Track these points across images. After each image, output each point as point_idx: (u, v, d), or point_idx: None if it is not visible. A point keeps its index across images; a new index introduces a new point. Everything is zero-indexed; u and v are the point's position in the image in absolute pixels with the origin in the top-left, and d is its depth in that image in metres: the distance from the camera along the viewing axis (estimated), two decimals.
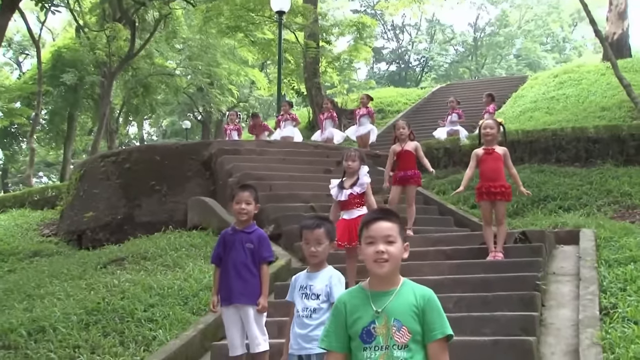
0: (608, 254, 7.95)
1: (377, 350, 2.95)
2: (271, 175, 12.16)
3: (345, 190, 7.59)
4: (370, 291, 3.06)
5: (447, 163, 14.27)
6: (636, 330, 5.75)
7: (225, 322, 5.96)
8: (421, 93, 28.76)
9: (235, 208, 5.99)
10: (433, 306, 3.00)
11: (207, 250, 10.02)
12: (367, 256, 3.04)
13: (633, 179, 12.21)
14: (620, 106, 18.61)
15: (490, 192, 8.30)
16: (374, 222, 3.09)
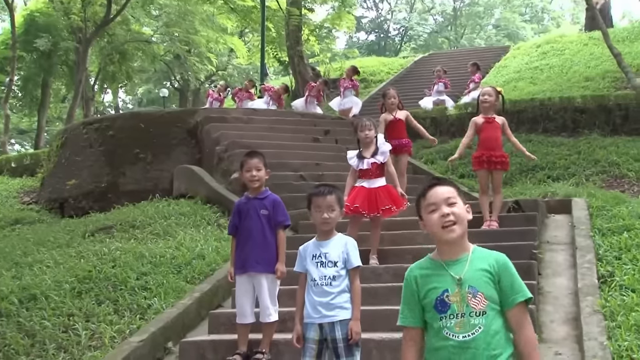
0: (601, 223, 8.01)
1: (452, 318, 2.88)
2: (259, 143, 12.03)
3: (367, 159, 7.55)
4: (442, 260, 2.98)
5: (434, 133, 14.10)
6: (635, 298, 5.81)
7: (237, 289, 5.90)
8: (403, 62, 28.65)
9: (245, 176, 5.91)
10: (509, 271, 2.94)
11: (197, 219, 9.98)
12: (433, 224, 2.95)
13: (620, 149, 12.32)
14: (604, 76, 18.69)
15: (490, 161, 8.30)
16: (430, 189, 3.01)
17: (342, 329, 4.53)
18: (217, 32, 37.12)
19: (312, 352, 4.59)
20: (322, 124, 14.06)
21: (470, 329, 2.85)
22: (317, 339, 4.59)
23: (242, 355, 5.70)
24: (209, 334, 6.44)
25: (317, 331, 4.59)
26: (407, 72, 26.26)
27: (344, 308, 4.59)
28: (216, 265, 7.86)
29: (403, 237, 8.08)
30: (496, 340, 2.86)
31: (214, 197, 10.78)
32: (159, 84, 53.56)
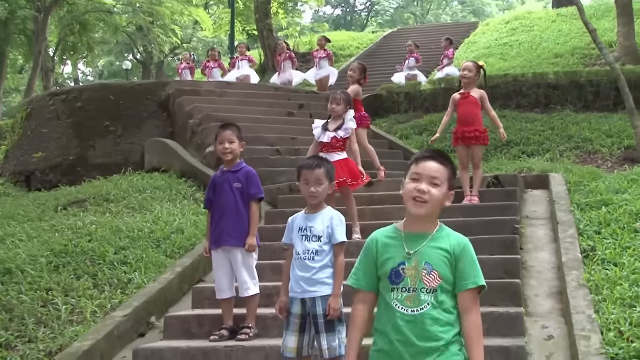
0: (579, 198, 8.10)
1: (404, 291, 2.91)
2: (233, 117, 11.85)
3: (329, 132, 7.49)
4: (404, 232, 2.99)
5: (407, 108, 14.30)
6: (618, 272, 5.89)
7: (213, 265, 5.87)
8: (373, 37, 28.58)
9: (218, 148, 5.85)
10: (468, 255, 2.95)
11: (172, 193, 9.88)
12: (407, 192, 2.95)
13: (592, 125, 12.47)
14: (573, 53, 18.90)
15: (465, 136, 8.34)
16: (425, 160, 2.99)
17: (322, 305, 4.51)
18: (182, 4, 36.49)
19: (295, 326, 4.58)
20: (296, 97, 13.96)
21: (419, 304, 2.89)
22: (300, 314, 4.58)
23: (228, 329, 5.68)
24: (192, 308, 6.39)
25: (300, 306, 4.58)
26: (377, 47, 26.20)
27: (325, 284, 4.56)
28: (196, 239, 7.78)
29: (384, 212, 8.09)
30: (443, 318, 2.89)
31: (189, 170, 10.66)
32: (120, 56, 52.67)
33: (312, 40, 25.92)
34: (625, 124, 12.29)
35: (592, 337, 4.89)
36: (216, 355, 5.31)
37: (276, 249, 7.13)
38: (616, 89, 13.28)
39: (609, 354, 4.63)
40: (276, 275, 6.61)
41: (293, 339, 4.55)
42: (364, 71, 9.52)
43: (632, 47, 17.77)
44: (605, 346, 4.74)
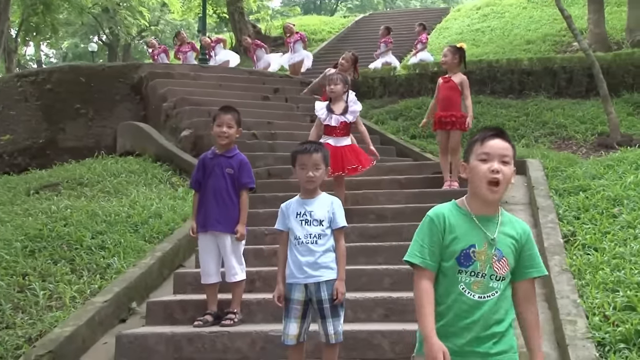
0: (557, 184, 8.17)
1: (472, 275, 2.82)
2: (209, 100, 11.84)
3: (336, 115, 7.43)
4: (474, 214, 2.87)
5: (382, 93, 14.28)
6: (599, 257, 5.94)
7: (200, 249, 5.79)
8: (345, 22, 28.50)
9: (215, 131, 5.76)
10: (532, 243, 2.91)
11: (148, 177, 9.77)
12: (480, 175, 2.82)
13: (566, 111, 12.58)
14: (544, 40, 19.06)
15: (441, 121, 8.34)
16: (492, 138, 2.86)
17: (327, 290, 4.45)
18: None
19: (297, 312, 4.49)
20: (271, 82, 13.89)
21: (487, 291, 2.83)
22: (303, 300, 4.48)
23: (213, 315, 5.62)
24: (174, 294, 6.32)
25: (302, 292, 4.48)
26: (349, 32, 26.14)
27: (330, 268, 4.51)
28: (175, 224, 7.70)
29: (365, 197, 8.08)
30: (505, 306, 2.86)
31: (164, 154, 10.54)
32: (85, 38, 51.86)
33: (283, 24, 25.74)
34: (598, 111, 12.43)
35: (579, 321, 4.92)
36: (201, 341, 5.26)
37: (257, 234, 7.09)
38: (589, 76, 13.45)
39: (596, 338, 4.67)
40: (258, 260, 6.58)
41: (295, 326, 4.47)
42: (355, 62, 9.51)
43: (602, 35, 17.95)
44: (592, 330, 4.78)
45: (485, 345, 2.82)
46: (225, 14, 24.87)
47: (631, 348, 4.49)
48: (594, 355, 4.48)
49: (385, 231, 6.96)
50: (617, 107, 11.80)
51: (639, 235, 6.28)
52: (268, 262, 6.51)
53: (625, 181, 7.68)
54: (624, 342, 4.56)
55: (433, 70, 14.15)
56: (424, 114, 12.55)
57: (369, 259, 6.46)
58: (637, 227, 6.45)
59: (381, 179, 8.62)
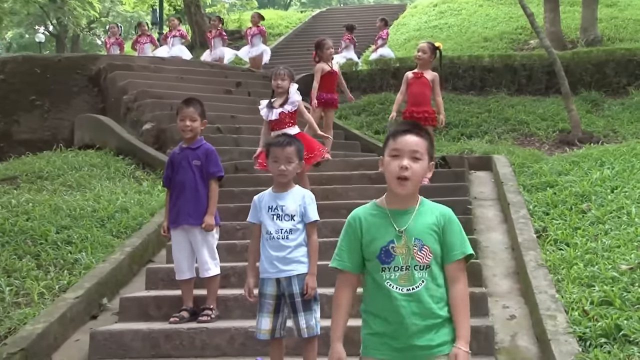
0: (525, 180, 8.28)
1: (396, 270, 2.83)
2: (170, 94, 11.67)
3: (276, 109, 7.39)
4: (388, 209, 2.91)
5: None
6: (572, 253, 6.03)
7: (172, 244, 5.71)
8: (302, 17, 28.46)
9: (179, 125, 5.69)
10: (454, 225, 2.91)
11: (111, 171, 9.60)
12: (390, 171, 2.87)
13: (527, 108, 12.78)
14: (501, 37, 19.30)
15: (413, 117, 8.34)
16: (403, 134, 2.88)
17: (299, 284, 4.43)
18: None
19: (270, 307, 4.46)
20: (233, 75, 13.79)
21: (414, 282, 2.83)
22: (275, 294, 4.46)
23: (189, 311, 5.54)
24: (146, 289, 6.21)
25: (275, 286, 4.46)
26: (306, 27, 26.11)
27: (301, 262, 4.49)
28: (143, 219, 7.56)
29: (335, 192, 8.05)
30: (439, 294, 2.87)
31: (126, 148, 10.35)
32: (31, 29, 50.62)
33: (240, 17, 25.61)
34: (558, 108, 12.65)
35: (558, 316, 4.98)
36: (179, 337, 5.17)
37: (229, 229, 7.01)
38: (548, 74, 13.72)
39: (577, 333, 4.72)
40: (231, 255, 6.50)
41: (267, 321, 4.45)
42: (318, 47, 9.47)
43: (558, 34, 18.25)
44: (572, 325, 4.83)
45: (426, 338, 2.83)
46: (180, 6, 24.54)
47: (612, 342, 4.55)
48: (577, 350, 4.53)
49: None
50: (575, 104, 12.01)
51: (609, 230, 6.39)
52: (241, 257, 6.42)
53: (592, 177, 7.82)
54: (605, 336, 4.62)
55: (395, 66, 14.23)
56: (387, 109, 12.68)
57: None
58: (606, 222, 6.56)
59: (351, 174, 8.61)
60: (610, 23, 19.77)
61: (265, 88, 13.56)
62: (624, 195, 7.08)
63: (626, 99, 13.51)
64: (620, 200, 6.98)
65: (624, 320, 4.67)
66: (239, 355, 5.10)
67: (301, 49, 21.22)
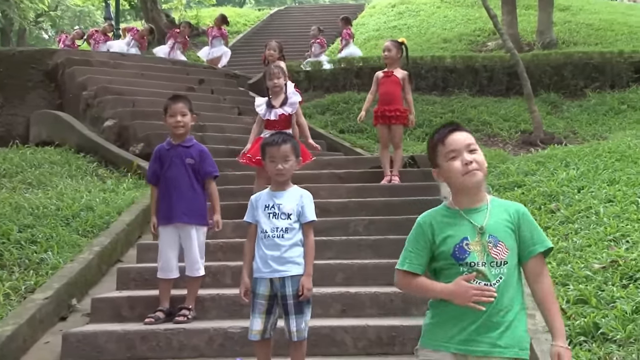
0: (492, 180, 8.37)
1: (472, 267, 2.82)
2: (132, 90, 11.51)
3: (275, 109, 7.34)
4: (461, 210, 2.90)
5: (307, 87, 14.25)
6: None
7: (161, 242, 5.59)
8: (260, 15, 28.35)
9: (169, 122, 5.62)
10: (529, 220, 2.92)
11: (72, 169, 9.43)
12: (455, 172, 2.86)
13: (489, 109, 12.96)
14: (460, 39, 19.53)
15: (385, 115, 8.38)
16: (450, 134, 2.91)
17: (292, 285, 4.37)
18: None
19: (262, 308, 4.39)
20: (195, 72, 13.66)
21: (492, 279, 2.82)
22: (268, 295, 4.39)
23: (165, 312, 5.45)
24: (117, 290, 6.09)
25: (268, 286, 4.39)
26: (265, 25, 26.01)
27: (296, 263, 4.43)
28: (110, 217, 7.42)
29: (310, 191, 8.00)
30: (513, 290, 2.86)
31: (87, 145, 10.16)
32: None
33: (198, 14, 25.39)
34: (519, 109, 12.86)
35: (537, 315, 4.98)
36: (156, 338, 5.08)
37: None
38: (508, 75, 13.95)
39: None
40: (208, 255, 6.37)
41: (259, 322, 4.37)
42: (282, 50, 9.42)
43: (515, 36, 18.52)
44: None
45: (492, 335, 2.81)
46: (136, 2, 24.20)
47: (591, 341, 4.61)
48: None
49: (332, 225, 6.94)
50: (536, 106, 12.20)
51: (579, 230, 6.48)
52: (214, 257, 6.39)
53: (558, 177, 7.95)
54: (583, 335, 4.68)
55: (358, 65, 14.29)
56: (352, 108, 12.73)
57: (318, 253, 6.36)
58: (575, 222, 6.66)
59: (320, 173, 8.60)
60: (564, 27, 20.17)
61: (228, 86, 13.53)
62: (590, 196, 7.20)
63: (584, 101, 13.82)
64: (587, 200, 7.09)
65: (601, 319, 4.75)
66: (217, 356, 5.04)
67: (260, 47, 21.03)
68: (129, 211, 7.63)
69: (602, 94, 13.89)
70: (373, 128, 11.74)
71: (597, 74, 14.29)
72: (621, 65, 14.36)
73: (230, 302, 5.48)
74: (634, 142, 9.20)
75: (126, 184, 8.83)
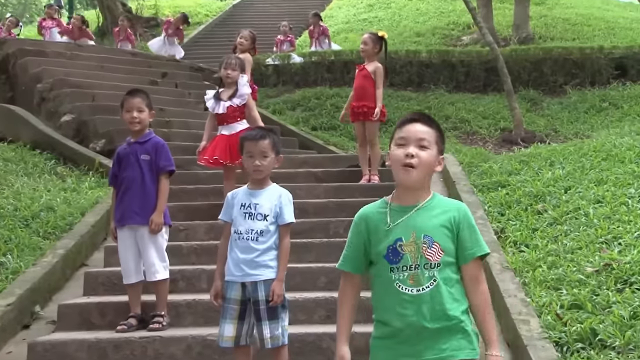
0: (475, 179, 8.41)
1: (405, 270, 2.77)
2: (91, 83, 11.38)
3: (224, 102, 7.28)
4: (391, 204, 2.87)
5: (276, 82, 14.21)
6: (533, 255, 6.13)
7: (119, 245, 5.53)
8: (222, 5, 28.14)
9: (125, 117, 5.58)
10: (469, 222, 2.87)
11: (28, 166, 9.31)
12: (395, 160, 2.82)
13: (467, 106, 13.07)
14: (434, 32, 19.63)
15: (354, 112, 8.36)
16: (409, 122, 2.87)
17: (265, 290, 4.34)
18: None
19: (234, 313, 4.36)
20: (158, 65, 13.54)
21: (424, 282, 2.78)
22: (240, 299, 4.36)
23: (137, 318, 5.37)
24: (84, 295, 5.98)
25: (240, 291, 4.36)
26: (228, 16, 25.82)
27: (269, 267, 4.40)
28: (73, 218, 7.31)
29: None
30: (451, 294, 2.82)
31: (44, 141, 9.99)
32: None
33: (157, 4, 25.13)
34: (498, 106, 12.97)
35: (531, 321, 5.04)
36: (130, 347, 5.00)
37: (172, 230, 6.80)
38: (486, 71, 14.09)
39: (552, 338, 4.76)
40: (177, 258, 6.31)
41: (231, 327, 4.34)
42: (254, 41, 9.33)
43: (491, 30, 18.62)
44: (547, 330, 4.91)
45: (436, 344, 2.79)
46: None
47: (588, 347, 4.63)
48: (555, 356, 4.57)
49: (311, 227, 6.92)
50: None
51: (568, 232, 6.52)
52: (188, 260, 6.34)
53: (543, 177, 8.01)
54: (581, 341, 4.68)
55: (330, 59, 14.28)
56: (324, 104, 12.73)
57: (299, 256, 6.36)
58: (564, 223, 6.70)
59: (296, 172, 8.56)
60: (540, 21, 20.40)
61: (192, 80, 13.43)
62: (578, 196, 7.25)
63: (564, 98, 14.01)
64: (575, 200, 7.14)
65: (598, 325, 4.77)
66: None
67: (222, 39, 21.02)
68: (93, 212, 7.52)
69: (582, 91, 14.10)
70: (347, 125, 11.82)
71: (577, 70, 14.50)
72: (601, 61, 14.58)
73: (206, 307, 5.40)
74: (619, 141, 9.30)
75: (88, 182, 8.69)
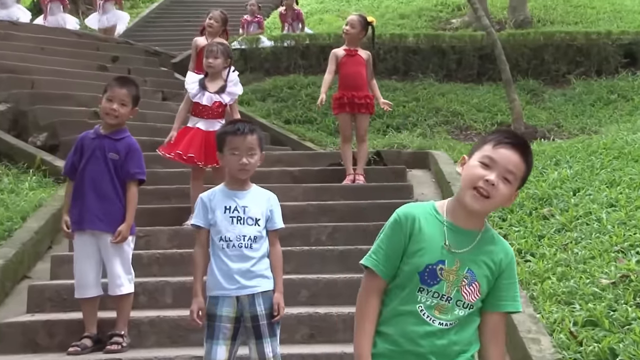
0: None
1: (436, 297, 2.75)
2: (30, 68, 11.26)
3: (211, 94, 7.25)
4: (447, 221, 2.79)
5: (243, 68, 14.06)
6: (541, 265, 6.15)
7: (75, 252, 5.48)
8: None
9: (104, 106, 5.52)
10: (512, 271, 2.86)
11: None
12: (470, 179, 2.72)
13: (460, 97, 13.10)
14: (420, 14, 19.65)
15: (353, 103, 8.32)
16: (508, 147, 2.76)
17: (265, 303, 4.30)
18: None
19: (227, 332, 4.28)
20: (107, 48, 13.46)
21: (450, 318, 2.77)
22: (234, 316, 4.29)
23: (92, 338, 5.32)
24: (28, 312, 5.90)
25: (233, 306, 4.29)
26: None
27: (266, 277, 4.37)
28: (12, 223, 7.21)
29: None
30: (469, 335, 2.83)
31: None
32: None
33: None
34: (494, 97, 13.03)
35: (542, 339, 5.04)
36: None
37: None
38: (480, 58, 14.16)
39: (566, 359, 4.81)
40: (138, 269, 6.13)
41: (223, 349, 4.25)
42: (225, 22, 9.30)
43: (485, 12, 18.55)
44: (560, 350, 4.91)
45: None
46: None
47: None
48: None
49: (289, 233, 6.83)
50: None
51: (579, 239, 6.54)
52: (149, 271, 6.29)
53: (549, 178, 8.05)
54: None
55: (304, 44, 14.23)
56: (298, 94, 12.69)
57: None
58: (574, 229, 6.73)
59: (269, 171, 8.50)
60: (538, 3, 20.53)
61: (148, 65, 13.34)
62: (589, 199, 7.29)
63: (567, 89, 14.08)
64: (585, 204, 7.18)
65: (617, 344, 4.78)
66: None
67: (179, 19, 20.98)
68: (36, 216, 7.42)
69: (587, 81, 14.17)
70: (324, 118, 11.80)
71: (581, 57, 14.56)
72: (609, 48, 14.64)
73: (172, 325, 5.39)
74: (632, 137, 9.38)
75: (29, 182, 8.57)
